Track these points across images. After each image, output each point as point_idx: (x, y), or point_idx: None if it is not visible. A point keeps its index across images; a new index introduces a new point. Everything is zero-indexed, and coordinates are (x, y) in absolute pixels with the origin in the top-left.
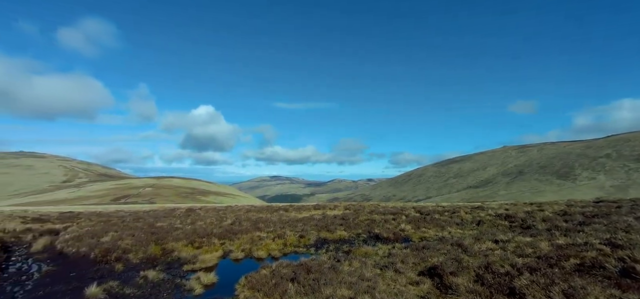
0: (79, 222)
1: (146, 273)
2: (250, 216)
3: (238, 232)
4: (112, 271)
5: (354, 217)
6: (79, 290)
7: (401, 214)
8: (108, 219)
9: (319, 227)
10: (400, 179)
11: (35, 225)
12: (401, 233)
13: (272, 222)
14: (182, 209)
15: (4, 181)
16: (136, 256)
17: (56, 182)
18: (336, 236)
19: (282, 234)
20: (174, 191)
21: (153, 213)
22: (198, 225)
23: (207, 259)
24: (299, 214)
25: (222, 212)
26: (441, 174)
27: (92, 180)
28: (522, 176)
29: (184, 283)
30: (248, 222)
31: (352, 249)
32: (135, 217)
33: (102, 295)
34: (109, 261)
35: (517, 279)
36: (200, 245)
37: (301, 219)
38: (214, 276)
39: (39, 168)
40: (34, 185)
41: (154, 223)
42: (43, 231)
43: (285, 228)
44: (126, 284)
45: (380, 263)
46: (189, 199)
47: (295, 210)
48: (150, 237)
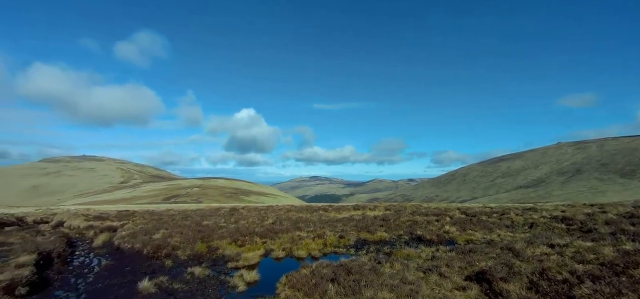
0: (134, 220)
1: (193, 269)
2: (291, 215)
3: (279, 231)
4: (162, 267)
5: (395, 218)
6: (133, 284)
7: (445, 216)
8: (159, 217)
9: (359, 228)
10: (443, 179)
11: (96, 222)
12: (445, 235)
13: (311, 222)
14: (226, 209)
15: (70, 182)
16: (184, 253)
17: (114, 183)
18: (376, 237)
19: (321, 234)
20: (219, 191)
21: (200, 212)
22: (241, 224)
23: (249, 258)
24: (338, 215)
25: (263, 211)
26: (488, 173)
27: (146, 181)
28: (580, 174)
29: (228, 280)
30: (288, 222)
31: (393, 250)
32: (183, 216)
33: (153, 289)
34: (160, 257)
35: (577, 288)
36: (243, 243)
37: (341, 220)
38: (256, 274)
39: (99, 170)
40: (95, 186)
41: (200, 222)
42: (103, 228)
43: (324, 228)
44: (175, 279)
45: (423, 265)
46: (232, 198)
47: (335, 210)
48: (197, 235)
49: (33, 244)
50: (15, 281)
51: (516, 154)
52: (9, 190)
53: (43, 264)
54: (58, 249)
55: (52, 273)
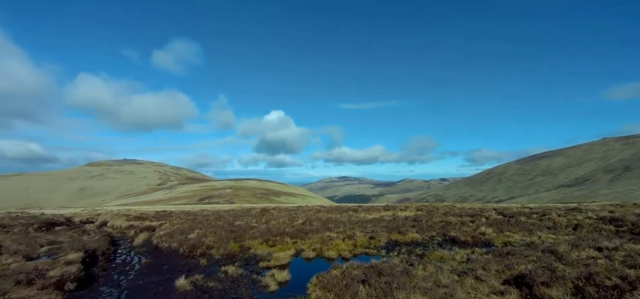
0: (171, 220)
1: (226, 268)
2: (320, 216)
3: (309, 232)
4: (197, 265)
5: (427, 219)
6: (170, 281)
7: (480, 216)
8: (194, 217)
9: (390, 228)
10: (477, 178)
11: (136, 222)
12: (481, 236)
13: (341, 223)
14: (257, 209)
15: (112, 184)
16: (218, 252)
17: (152, 184)
18: (408, 238)
19: (351, 235)
20: (250, 192)
21: (232, 213)
22: (272, 224)
23: (280, 257)
24: (368, 215)
25: (293, 212)
26: (526, 171)
27: (182, 182)
28: (630, 172)
29: (260, 279)
30: (318, 223)
31: (425, 252)
32: (217, 216)
33: (189, 287)
34: (195, 256)
35: (628, 295)
36: (274, 243)
37: (371, 220)
38: (287, 274)
39: (139, 173)
40: (136, 188)
41: (232, 222)
42: (143, 228)
43: (354, 229)
44: (209, 277)
45: (457, 268)
46: (263, 199)
47: (365, 211)
48: (229, 235)
49: (80, 243)
50: (64, 277)
51: (557, 151)
52: (58, 192)
53: (89, 262)
54: (102, 248)
55: (97, 270)
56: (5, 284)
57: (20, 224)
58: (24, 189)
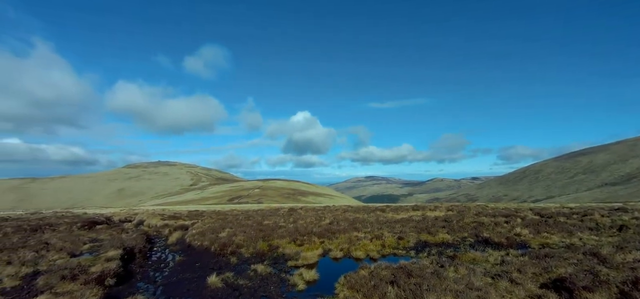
0: (202, 220)
1: (256, 267)
2: (347, 216)
3: (336, 231)
4: (228, 263)
5: (458, 220)
6: (203, 278)
7: (515, 217)
8: (224, 217)
9: (419, 229)
10: (512, 177)
11: (170, 221)
12: (516, 238)
13: (369, 223)
14: (285, 209)
15: (148, 185)
16: (247, 251)
17: (185, 185)
18: (438, 239)
19: (379, 235)
20: (278, 192)
21: (261, 212)
22: (299, 224)
23: (308, 257)
24: (396, 215)
25: (320, 212)
26: (565, 169)
27: (212, 183)
28: None
29: (288, 278)
30: (345, 222)
31: (457, 254)
32: (246, 215)
33: (220, 284)
34: (226, 254)
35: None
36: (301, 243)
37: (399, 220)
38: (315, 273)
39: (172, 174)
40: (169, 188)
41: (261, 221)
42: (176, 227)
43: (382, 229)
44: (239, 275)
45: (491, 271)
46: (290, 199)
47: (393, 211)
48: (258, 234)
49: (119, 241)
50: (104, 273)
51: (599, 146)
52: (99, 193)
53: (127, 259)
54: (139, 245)
55: (134, 266)
56: (52, 279)
57: (65, 223)
58: (68, 191)
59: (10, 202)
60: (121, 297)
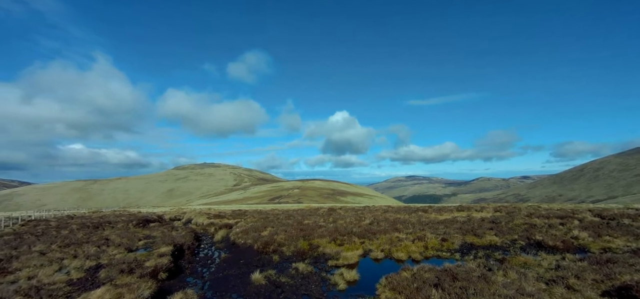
0: (245, 219)
1: (297, 265)
2: (388, 216)
3: (376, 232)
4: (270, 261)
5: (507, 221)
6: (247, 275)
7: (572, 218)
8: (266, 216)
9: (464, 230)
10: (567, 175)
11: (216, 220)
12: (573, 241)
13: (410, 224)
14: (324, 209)
15: (195, 185)
16: (288, 250)
17: (229, 185)
18: (485, 241)
19: (422, 237)
20: (317, 192)
21: (300, 212)
22: (339, 224)
23: (348, 257)
24: (439, 216)
25: (360, 212)
26: (630, 166)
27: (254, 183)
28: None
29: (329, 277)
30: (386, 223)
31: (506, 257)
32: (286, 215)
33: (263, 281)
34: (268, 252)
35: None
36: (341, 243)
37: (442, 221)
38: (356, 274)
39: (217, 175)
40: (214, 188)
41: (301, 221)
42: (221, 225)
43: (425, 230)
44: (281, 273)
45: (544, 276)
46: (329, 199)
47: (435, 211)
48: (299, 233)
49: (170, 238)
50: (157, 268)
51: None
52: (151, 193)
53: (177, 255)
54: (188, 243)
55: (183, 262)
56: (112, 272)
57: (122, 220)
58: (125, 191)
59: (75, 202)
60: (172, 291)
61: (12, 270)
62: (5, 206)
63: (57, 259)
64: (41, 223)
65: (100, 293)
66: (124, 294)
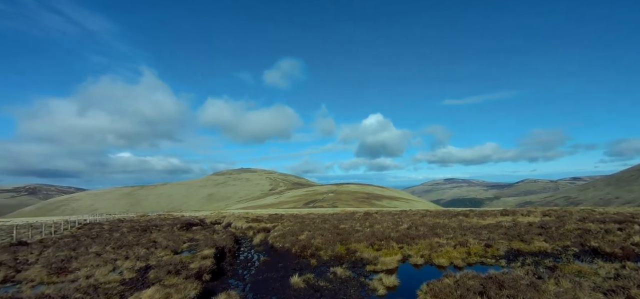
0: (282, 223)
1: (335, 270)
2: (426, 221)
3: (415, 237)
4: (308, 265)
5: (558, 226)
6: (286, 278)
7: (632, 223)
8: (302, 220)
9: (510, 236)
10: (624, 176)
11: (254, 224)
12: (633, 248)
13: (451, 229)
14: (360, 213)
15: (232, 190)
16: (325, 254)
17: (264, 190)
18: (533, 247)
19: (464, 242)
20: (351, 196)
21: (336, 216)
22: (376, 228)
23: (387, 262)
24: (482, 221)
25: (397, 216)
26: None
27: (289, 188)
28: None
29: (368, 282)
30: (425, 227)
31: (557, 265)
32: (322, 219)
33: (302, 284)
34: (305, 256)
35: None
36: (379, 247)
37: (485, 226)
38: (395, 279)
39: (253, 180)
40: (251, 193)
41: (337, 225)
42: (259, 229)
43: (467, 235)
44: (320, 277)
45: (602, 285)
46: (364, 203)
47: (477, 216)
48: (335, 237)
49: (211, 241)
50: (202, 269)
51: None
52: (192, 198)
53: (219, 257)
54: (228, 246)
55: (225, 265)
56: (160, 272)
57: (167, 224)
58: (168, 196)
59: (124, 206)
60: (216, 292)
61: (72, 270)
62: (62, 210)
63: (111, 260)
64: (95, 226)
65: (151, 293)
66: (172, 294)
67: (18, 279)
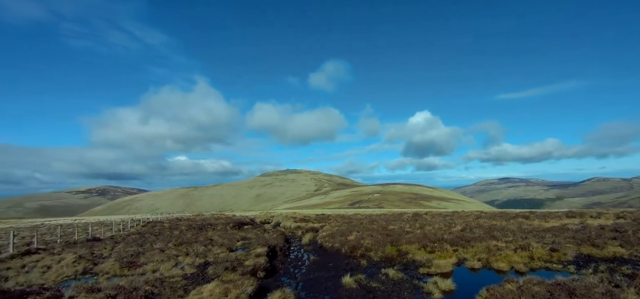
0: (329, 223)
1: (386, 271)
2: (482, 223)
3: (470, 239)
4: (358, 266)
5: (635, 229)
6: (337, 278)
7: None
8: (349, 221)
9: (578, 240)
10: None
11: (301, 224)
12: None
13: (510, 231)
14: (408, 214)
15: (279, 191)
16: (376, 255)
17: (310, 191)
18: (607, 253)
19: (525, 246)
20: (398, 197)
21: (384, 217)
22: (427, 230)
23: (441, 265)
24: (544, 223)
25: (449, 217)
26: None
27: (333, 188)
28: None
29: (422, 285)
30: (480, 230)
31: (637, 272)
32: (369, 220)
33: (354, 285)
34: (355, 256)
35: None
36: (432, 250)
37: (549, 229)
38: (451, 283)
39: (299, 181)
40: (297, 193)
41: (386, 226)
42: (307, 229)
43: (528, 239)
44: (371, 278)
45: None
46: (412, 204)
47: (539, 218)
48: (385, 238)
49: (263, 240)
50: (256, 267)
51: None
52: (242, 198)
53: (271, 255)
54: (279, 244)
55: (277, 263)
56: (218, 269)
57: (221, 223)
58: (220, 196)
59: (181, 206)
60: (271, 289)
61: (140, 264)
62: (127, 210)
63: (173, 256)
64: (157, 225)
65: (211, 288)
66: (231, 289)
67: (95, 271)
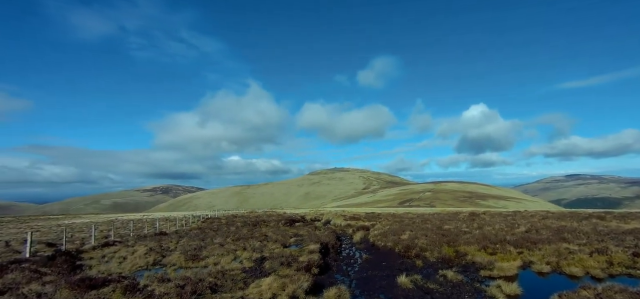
0: (380, 221)
1: (444, 273)
2: (549, 223)
3: (537, 241)
4: (413, 266)
5: None
6: (391, 277)
7: None
8: (401, 220)
9: None
10: None
11: (352, 222)
12: None
13: (583, 233)
14: (464, 213)
15: (327, 189)
16: (432, 255)
17: (358, 189)
18: None
19: (602, 249)
20: (451, 195)
21: (438, 216)
22: (486, 230)
23: (505, 268)
24: (624, 224)
25: (510, 217)
26: None
27: (382, 187)
28: None
29: (484, 289)
30: (547, 231)
31: None
32: (422, 219)
33: (410, 285)
34: (410, 256)
35: None
36: (493, 251)
37: (630, 231)
38: (517, 287)
39: (347, 179)
40: (345, 192)
41: (440, 226)
42: (358, 227)
43: (605, 241)
44: (428, 279)
45: None
46: (466, 203)
47: (617, 219)
48: (441, 238)
49: (315, 237)
50: (310, 263)
51: None
52: (291, 196)
53: (323, 252)
54: (331, 242)
55: (330, 260)
56: (274, 264)
57: (273, 220)
58: (271, 194)
59: (235, 204)
60: (325, 285)
61: (203, 257)
62: (187, 207)
63: (232, 250)
64: (215, 221)
65: (269, 282)
66: (287, 284)
67: (164, 263)
